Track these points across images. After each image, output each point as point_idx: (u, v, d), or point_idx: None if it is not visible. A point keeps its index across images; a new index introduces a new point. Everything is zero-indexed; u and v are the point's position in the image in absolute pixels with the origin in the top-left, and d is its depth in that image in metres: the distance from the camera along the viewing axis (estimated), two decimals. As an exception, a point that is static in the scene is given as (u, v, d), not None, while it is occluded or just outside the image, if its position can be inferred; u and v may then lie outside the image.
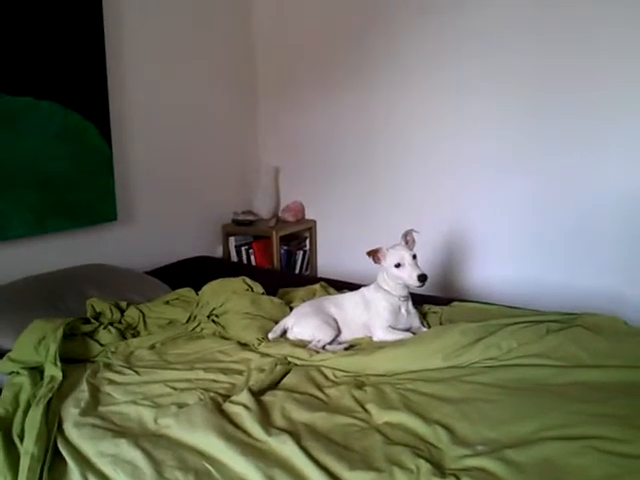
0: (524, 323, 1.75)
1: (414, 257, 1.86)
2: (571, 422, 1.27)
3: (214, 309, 1.96)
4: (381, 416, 1.33)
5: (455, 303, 2.16)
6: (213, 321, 1.92)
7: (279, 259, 3.24)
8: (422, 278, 1.80)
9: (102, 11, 2.42)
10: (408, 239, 1.92)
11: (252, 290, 2.04)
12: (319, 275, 3.38)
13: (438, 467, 1.12)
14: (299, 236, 3.51)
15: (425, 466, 1.11)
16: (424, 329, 1.89)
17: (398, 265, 1.84)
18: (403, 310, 1.90)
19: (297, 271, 3.42)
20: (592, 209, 2.67)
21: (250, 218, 3.31)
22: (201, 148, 3.13)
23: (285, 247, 3.35)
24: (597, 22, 2.51)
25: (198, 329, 1.90)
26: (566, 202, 2.73)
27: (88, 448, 1.25)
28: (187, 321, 1.96)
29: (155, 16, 2.78)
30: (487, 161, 2.89)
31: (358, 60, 3.17)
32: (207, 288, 2.07)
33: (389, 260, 1.85)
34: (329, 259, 3.50)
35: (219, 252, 3.30)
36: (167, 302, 2.07)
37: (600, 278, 2.67)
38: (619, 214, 2.60)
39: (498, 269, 2.95)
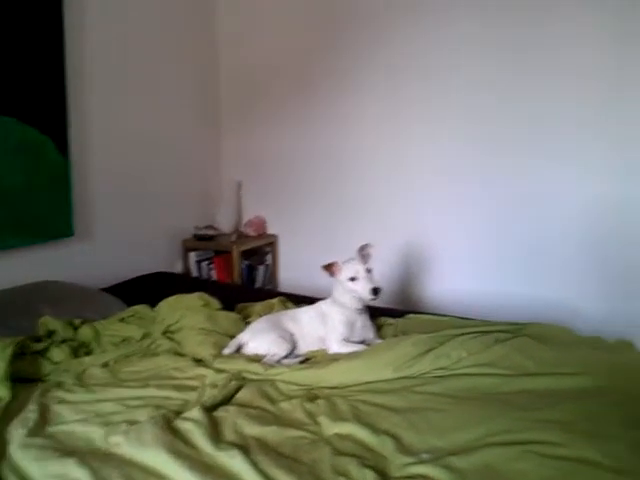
0: (474, 333, 1.80)
1: (369, 271, 1.90)
2: (514, 428, 1.31)
3: (169, 326, 1.95)
4: (331, 428, 1.35)
5: (410, 315, 2.20)
6: (168, 338, 1.91)
7: (240, 274, 3.24)
8: (375, 291, 1.84)
9: (63, 27, 2.42)
10: (364, 253, 1.95)
11: (209, 306, 2.04)
12: (281, 290, 3.39)
13: (383, 476, 1.15)
14: (261, 251, 3.52)
15: (370, 475, 1.14)
16: (379, 341, 1.93)
17: (353, 279, 1.88)
18: (359, 323, 1.93)
19: (259, 286, 3.42)
20: (548, 225, 2.77)
21: (211, 233, 3.31)
22: (161, 163, 3.13)
23: (246, 262, 3.36)
24: (560, 42, 2.63)
25: (153, 346, 1.89)
26: (523, 217, 2.83)
27: (34, 470, 1.23)
28: (142, 338, 1.95)
29: (117, 31, 2.78)
30: (447, 176, 2.98)
31: (323, 77, 3.24)
32: (163, 304, 2.07)
33: (344, 274, 1.89)
34: (292, 273, 3.52)
35: (179, 267, 3.28)
36: (122, 319, 2.05)
37: (555, 291, 2.76)
38: (575, 230, 2.71)
39: (456, 282, 3.02)
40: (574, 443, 1.24)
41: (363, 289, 1.85)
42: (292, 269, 3.52)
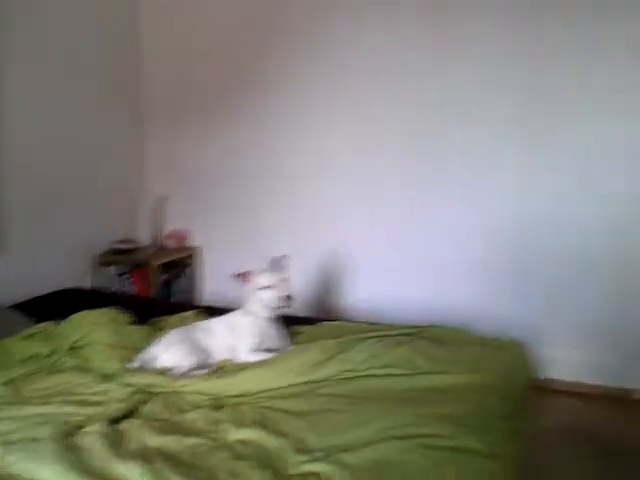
0: (378, 337, 1.91)
1: (282, 280, 1.96)
2: (407, 423, 1.40)
3: (76, 341, 1.93)
4: (234, 434, 1.39)
5: (323, 323, 2.27)
6: (74, 354, 1.89)
7: (159, 287, 3.22)
8: (286, 300, 1.91)
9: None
10: (278, 264, 2.01)
11: (117, 320, 2.03)
12: (206, 301, 3.38)
13: (279, 475, 1.21)
14: (182, 263, 3.50)
15: (266, 476, 1.19)
16: (290, 348, 1.98)
17: (265, 288, 1.93)
18: (270, 331, 1.98)
19: (179, 299, 3.40)
20: (457, 236, 2.93)
21: (129, 246, 3.27)
22: (78, 175, 3.05)
23: (165, 275, 3.34)
24: (478, 59, 2.81)
25: (59, 363, 1.86)
26: (435, 228, 2.97)
27: None
28: (48, 355, 1.91)
29: (35, 37, 2.71)
30: (363, 191, 3.09)
31: (247, 91, 3.27)
32: (69, 320, 2.03)
33: (256, 283, 1.94)
34: (218, 285, 3.51)
35: (94, 282, 3.21)
36: (28, 336, 2.01)
37: (463, 296, 2.92)
38: (479, 240, 2.88)
39: (372, 290, 3.12)
40: (458, 434, 1.35)
41: (274, 298, 1.92)
42: (219, 280, 3.52)
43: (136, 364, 1.81)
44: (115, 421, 1.45)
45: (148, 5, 3.41)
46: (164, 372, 1.75)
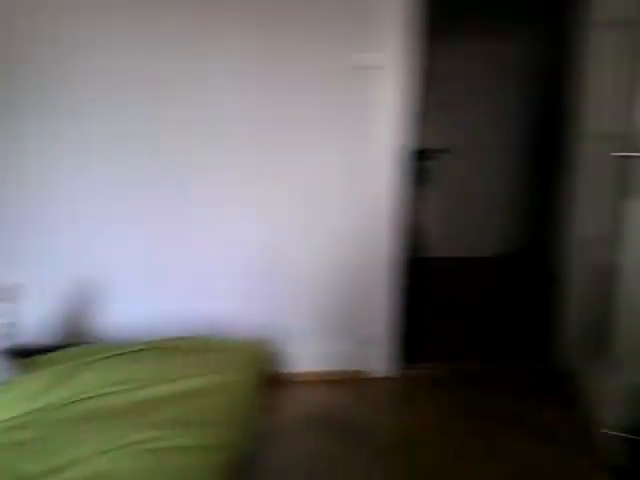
0: (112, 356, 1.93)
1: (7, 310, 1.85)
2: (128, 433, 1.48)
3: None
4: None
5: (65, 350, 2.19)
6: None
7: None
8: (8, 330, 1.82)
9: None
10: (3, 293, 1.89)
11: None
12: None
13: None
14: None
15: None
16: (14, 380, 1.87)
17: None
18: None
19: None
20: (214, 252, 3.06)
21: None
22: None
23: None
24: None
25: None
26: (191, 244, 3.05)
27: None
28: None
29: None
30: (113, 209, 3.03)
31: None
32: None
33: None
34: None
35: None
36: None
37: (226, 305, 3.05)
38: (239, 253, 3.05)
39: (130, 309, 3.08)
40: (176, 435, 1.46)
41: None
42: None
43: None
44: None
45: None
46: None
